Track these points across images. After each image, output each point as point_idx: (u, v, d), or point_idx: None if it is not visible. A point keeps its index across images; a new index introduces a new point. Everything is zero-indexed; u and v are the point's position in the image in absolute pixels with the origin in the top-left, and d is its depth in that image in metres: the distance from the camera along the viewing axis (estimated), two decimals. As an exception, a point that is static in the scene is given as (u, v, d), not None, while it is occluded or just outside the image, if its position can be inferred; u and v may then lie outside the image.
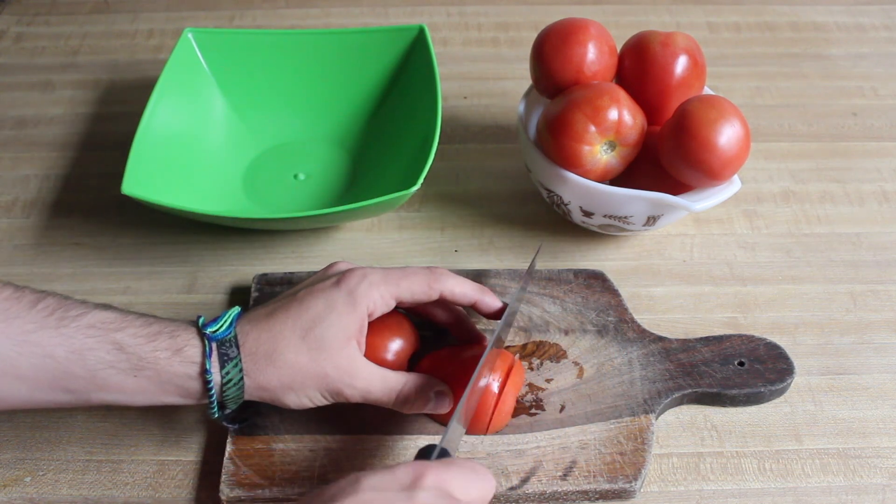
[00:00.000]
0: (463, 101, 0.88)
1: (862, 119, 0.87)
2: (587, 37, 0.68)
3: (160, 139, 0.73)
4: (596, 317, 0.66)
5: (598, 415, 0.60)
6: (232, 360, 0.51)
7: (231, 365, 0.51)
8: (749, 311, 0.69)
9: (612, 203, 0.66)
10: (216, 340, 0.52)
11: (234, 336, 0.52)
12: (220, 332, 0.52)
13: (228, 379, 0.52)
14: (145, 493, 0.57)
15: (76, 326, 0.50)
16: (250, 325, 0.53)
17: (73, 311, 0.51)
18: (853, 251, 0.74)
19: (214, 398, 0.52)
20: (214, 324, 0.53)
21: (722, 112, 0.64)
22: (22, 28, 0.97)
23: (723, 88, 0.89)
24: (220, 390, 0.52)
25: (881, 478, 0.59)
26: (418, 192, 0.71)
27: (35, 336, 0.49)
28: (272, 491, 0.56)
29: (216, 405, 0.52)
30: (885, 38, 0.98)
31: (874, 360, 0.66)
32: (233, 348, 0.52)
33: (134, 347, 0.50)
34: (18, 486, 0.58)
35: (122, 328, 0.51)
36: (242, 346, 0.52)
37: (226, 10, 0.99)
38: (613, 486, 0.56)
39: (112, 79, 0.91)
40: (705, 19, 1.00)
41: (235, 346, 0.52)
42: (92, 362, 0.50)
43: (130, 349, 0.50)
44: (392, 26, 0.82)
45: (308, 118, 0.82)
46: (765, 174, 0.81)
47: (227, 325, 0.53)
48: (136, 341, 0.51)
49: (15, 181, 0.79)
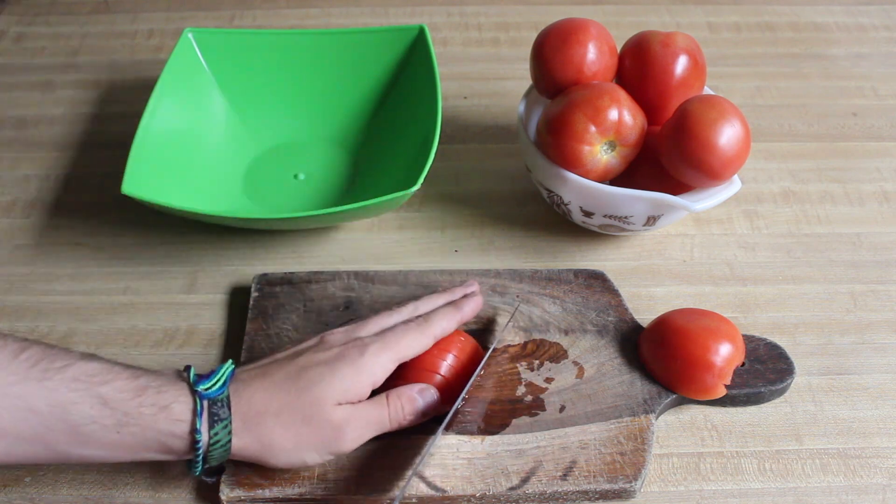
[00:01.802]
0: (463, 101, 0.88)
1: (862, 119, 0.87)
2: (587, 37, 0.68)
3: (160, 139, 0.73)
4: (596, 317, 0.66)
5: (598, 415, 0.60)
6: (222, 421, 0.50)
7: (221, 426, 0.50)
8: (749, 311, 0.69)
9: (612, 203, 0.66)
10: (208, 399, 0.50)
11: (226, 396, 0.51)
12: (213, 391, 0.50)
13: (217, 440, 0.50)
14: (145, 493, 0.57)
15: (60, 379, 0.48)
16: (244, 385, 0.52)
17: (58, 361, 0.48)
18: (853, 251, 0.74)
19: (200, 456, 0.50)
20: (207, 380, 0.51)
21: (722, 112, 0.64)
22: (22, 28, 0.97)
23: (723, 88, 0.89)
24: (206, 450, 0.50)
25: (881, 478, 0.59)
26: (418, 192, 0.71)
27: (17, 388, 0.47)
28: (272, 491, 0.55)
29: (200, 465, 0.51)
30: (885, 38, 0.98)
31: (874, 360, 0.66)
32: (224, 409, 0.50)
33: (119, 403, 0.48)
34: (18, 486, 0.58)
35: (108, 381, 0.49)
36: (235, 406, 0.50)
37: (226, 10, 0.99)
38: (613, 486, 0.56)
39: (112, 79, 0.91)
40: (705, 19, 1.00)
41: (227, 406, 0.50)
42: (75, 417, 0.48)
43: (115, 404, 0.48)
44: (392, 26, 0.82)
45: (308, 118, 0.82)
46: (765, 174, 0.81)
47: (221, 383, 0.51)
48: (122, 396, 0.49)
49: (15, 181, 0.79)
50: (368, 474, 0.56)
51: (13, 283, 0.70)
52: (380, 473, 0.57)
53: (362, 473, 0.57)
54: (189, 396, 0.50)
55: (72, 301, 0.69)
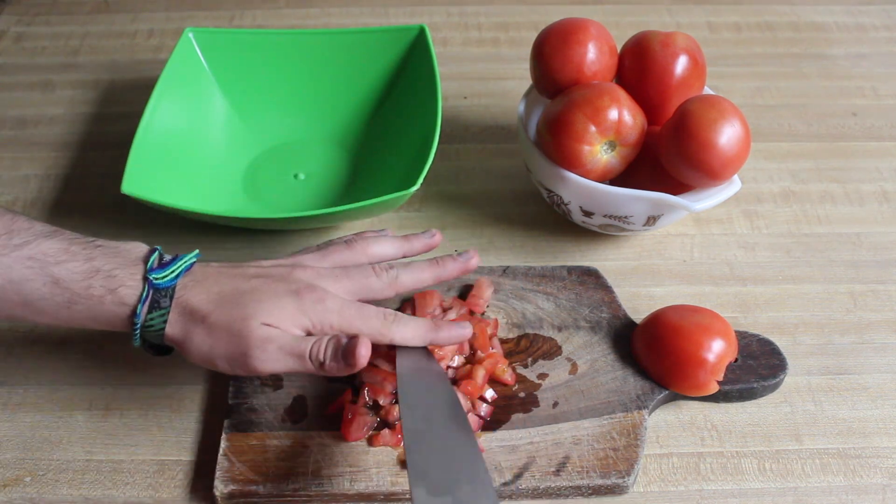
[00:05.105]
0: (463, 101, 0.88)
1: (862, 119, 0.87)
2: (587, 37, 0.68)
3: (160, 139, 0.73)
4: (589, 313, 0.66)
5: (591, 410, 0.60)
6: (161, 310, 0.53)
7: (157, 314, 0.53)
8: (749, 311, 0.69)
9: (612, 203, 0.66)
10: (155, 288, 0.53)
11: (173, 288, 0.54)
12: (163, 281, 0.54)
13: (151, 325, 0.53)
14: (145, 493, 0.57)
15: (17, 256, 0.52)
16: (193, 282, 0.54)
17: (17, 238, 0.53)
18: (853, 251, 0.74)
19: (138, 335, 0.54)
20: (163, 270, 0.54)
21: (722, 112, 0.64)
22: (22, 28, 0.97)
23: (723, 88, 0.89)
24: (142, 330, 0.54)
25: (881, 478, 0.59)
26: (418, 192, 0.71)
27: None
28: (266, 487, 0.56)
29: (138, 339, 0.54)
30: (885, 38, 0.98)
31: (874, 360, 0.66)
32: (166, 299, 0.53)
33: (70, 283, 0.52)
34: (18, 486, 0.58)
35: (62, 262, 0.52)
36: (177, 300, 0.53)
37: (226, 10, 0.99)
38: (606, 481, 0.56)
39: (112, 79, 0.91)
40: (705, 19, 1.00)
41: (170, 297, 0.53)
42: (28, 292, 0.52)
43: (66, 284, 0.52)
44: (392, 26, 0.82)
45: (308, 118, 0.82)
46: (765, 174, 0.81)
47: (174, 275, 0.54)
48: (74, 276, 0.52)
49: (15, 181, 0.79)
50: (363, 470, 0.57)
51: (13, 283, 0.70)
52: (375, 470, 0.57)
53: (357, 469, 0.57)
54: (139, 282, 0.53)
55: (72, 301, 0.69)
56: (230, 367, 0.53)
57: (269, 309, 0.53)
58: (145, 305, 0.53)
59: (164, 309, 0.53)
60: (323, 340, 0.53)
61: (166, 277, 0.54)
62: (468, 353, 0.62)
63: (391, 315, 0.56)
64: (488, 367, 0.61)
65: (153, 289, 0.53)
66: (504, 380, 0.62)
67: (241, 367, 0.53)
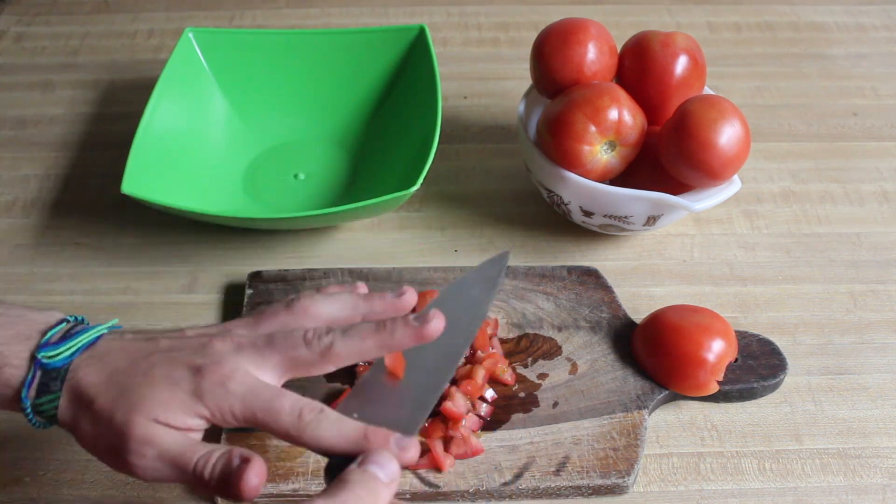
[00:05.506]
0: (463, 101, 0.88)
1: (862, 119, 0.87)
2: (587, 37, 0.68)
3: (160, 139, 0.73)
4: (589, 313, 0.66)
5: (591, 410, 0.60)
6: (50, 394, 0.46)
7: (47, 398, 0.46)
8: (749, 311, 0.69)
9: (612, 203, 0.66)
10: (43, 368, 0.46)
11: (66, 369, 0.46)
12: (55, 360, 0.46)
13: (41, 410, 0.46)
14: (145, 493, 0.57)
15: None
16: (88, 362, 0.47)
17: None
18: (853, 251, 0.74)
19: (31, 419, 0.47)
20: (59, 346, 0.47)
21: (722, 112, 0.64)
22: (22, 28, 0.97)
23: (723, 88, 0.89)
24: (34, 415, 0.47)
25: (881, 478, 0.59)
26: (418, 192, 0.71)
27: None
28: (266, 487, 0.56)
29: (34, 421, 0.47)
30: (885, 38, 0.98)
31: (874, 360, 0.66)
32: (57, 382, 0.46)
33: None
34: (18, 486, 0.58)
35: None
36: (69, 382, 0.46)
37: (226, 10, 0.99)
38: (606, 481, 0.56)
39: (112, 79, 0.91)
40: (705, 19, 1.00)
41: (61, 380, 0.46)
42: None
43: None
44: (392, 26, 0.82)
45: (308, 118, 0.82)
46: (765, 174, 0.81)
47: (70, 353, 0.46)
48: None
49: (15, 181, 0.79)
50: None
51: (13, 283, 0.70)
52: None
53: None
54: (25, 362, 0.46)
55: (72, 301, 0.69)
56: (113, 464, 0.46)
57: (160, 397, 0.44)
58: (31, 389, 0.46)
59: (55, 394, 0.46)
60: (214, 454, 0.43)
61: (60, 355, 0.46)
62: (468, 353, 0.62)
63: (311, 412, 0.44)
64: (488, 367, 0.61)
65: (42, 370, 0.46)
66: (504, 380, 0.62)
67: (124, 471, 0.45)
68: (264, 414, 0.44)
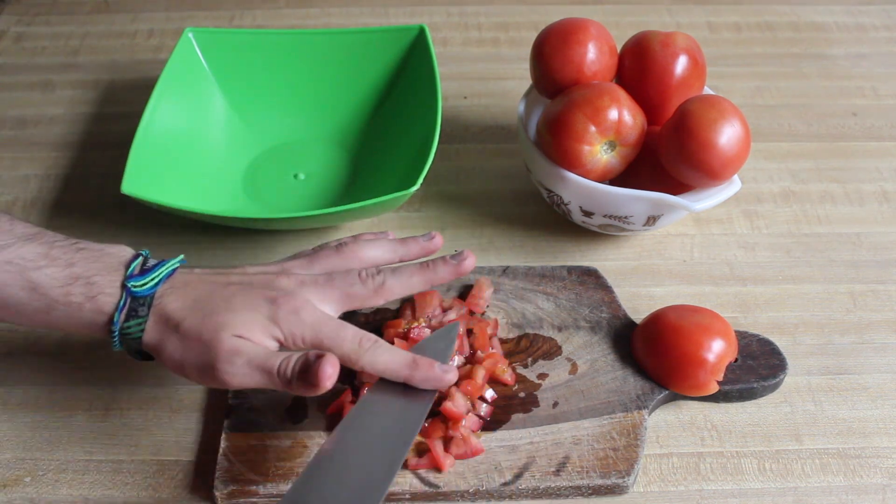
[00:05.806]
0: (463, 101, 0.88)
1: (862, 119, 0.87)
2: (587, 37, 0.68)
3: (160, 139, 0.73)
4: (589, 313, 0.66)
5: (591, 410, 0.60)
6: (138, 318, 0.52)
7: (135, 322, 0.52)
8: (749, 311, 0.69)
9: (612, 203, 0.66)
10: (132, 295, 0.52)
11: (151, 296, 0.53)
12: (141, 290, 0.53)
13: (128, 332, 0.52)
14: (145, 493, 0.57)
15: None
16: (171, 291, 0.53)
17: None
18: (853, 251, 0.74)
19: (116, 341, 0.53)
20: (143, 277, 0.53)
21: (722, 112, 0.64)
22: (22, 28, 0.97)
23: (723, 88, 0.89)
24: (120, 337, 0.53)
25: (881, 478, 0.59)
26: (418, 192, 0.71)
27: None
28: (266, 487, 0.56)
29: (118, 345, 0.54)
30: (885, 38, 0.98)
31: (874, 360, 0.66)
32: (144, 307, 0.52)
33: (48, 289, 0.52)
34: (18, 486, 0.58)
35: (41, 267, 0.52)
36: (154, 308, 0.52)
37: (226, 10, 0.99)
38: (606, 481, 0.56)
39: (112, 79, 0.91)
40: (705, 19, 1.00)
41: (148, 306, 0.52)
42: (6, 297, 0.52)
43: (44, 290, 0.52)
44: (392, 26, 0.82)
45: (308, 118, 0.82)
46: (765, 174, 0.81)
47: (153, 283, 0.53)
48: (52, 283, 0.52)
49: (15, 181, 0.79)
50: None
51: (13, 283, 0.70)
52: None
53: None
54: (118, 290, 0.53)
55: (72, 301, 0.69)
56: (200, 377, 0.52)
57: (242, 319, 0.52)
58: (122, 314, 0.52)
59: (142, 318, 0.52)
60: (293, 357, 0.50)
61: (145, 285, 0.53)
62: (468, 353, 0.62)
63: (368, 341, 0.53)
64: (488, 367, 0.61)
65: (131, 297, 0.52)
66: (504, 380, 0.62)
67: (211, 379, 0.51)
68: (330, 341, 0.52)
